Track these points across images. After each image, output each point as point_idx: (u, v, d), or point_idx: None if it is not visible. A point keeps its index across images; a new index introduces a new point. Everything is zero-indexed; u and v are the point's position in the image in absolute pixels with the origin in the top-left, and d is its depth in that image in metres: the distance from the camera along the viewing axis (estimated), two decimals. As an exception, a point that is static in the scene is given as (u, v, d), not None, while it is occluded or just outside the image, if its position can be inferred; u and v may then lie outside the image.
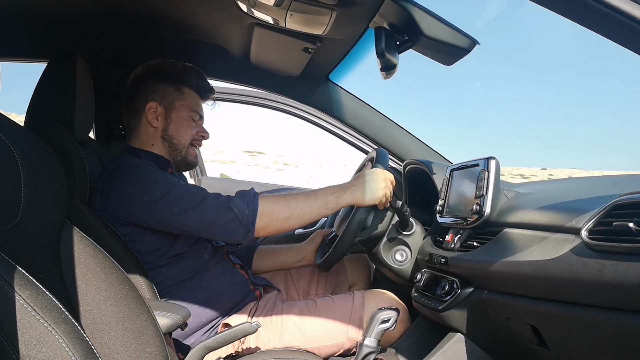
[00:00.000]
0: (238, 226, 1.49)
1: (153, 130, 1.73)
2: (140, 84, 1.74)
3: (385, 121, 2.26)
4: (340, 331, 1.63)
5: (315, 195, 1.58)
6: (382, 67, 1.55)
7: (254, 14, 1.58)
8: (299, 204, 1.55)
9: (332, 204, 1.58)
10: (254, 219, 1.50)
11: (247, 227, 1.49)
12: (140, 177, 1.54)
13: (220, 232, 1.51)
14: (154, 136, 1.73)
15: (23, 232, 1.03)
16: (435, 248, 1.61)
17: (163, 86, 1.73)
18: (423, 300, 1.59)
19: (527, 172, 47.12)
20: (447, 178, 1.67)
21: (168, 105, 1.73)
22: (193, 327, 1.60)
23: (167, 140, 1.73)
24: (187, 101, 1.75)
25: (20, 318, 0.75)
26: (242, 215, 1.49)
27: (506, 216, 1.35)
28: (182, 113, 1.74)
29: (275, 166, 37.72)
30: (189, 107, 1.75)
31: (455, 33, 1.44)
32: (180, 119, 1.74)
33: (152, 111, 1.71)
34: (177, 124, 1.73)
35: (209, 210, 1.49)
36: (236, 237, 1.50)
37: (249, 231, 1.49)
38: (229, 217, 1.49)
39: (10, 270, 0.78)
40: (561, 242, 1.06)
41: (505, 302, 1.24)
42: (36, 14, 1.67)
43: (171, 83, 1.74)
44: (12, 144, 1.03)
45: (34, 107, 1.61)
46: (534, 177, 46.45)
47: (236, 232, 1.50)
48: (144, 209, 1.50)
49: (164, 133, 1.73)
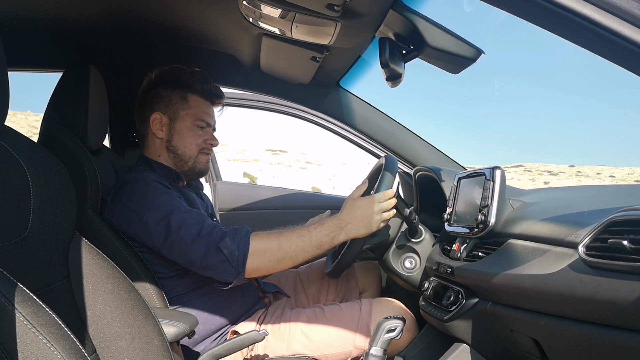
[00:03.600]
0: (227, 267, 1.48)
1: (159, 142, 1.72)
2: (148, 93, 1.74)
3: (396, 126, 2.26)
4: (348, 339, 1.64)
5: (309, 236, 1.55)
6: (387, 77, 1.55)
7: (261, 25, 1.60)
8: (292, 245, 1.53)
9: (326, 245, 1.56)
10: (244, 260, 1.48)
11: (237, 268, 1.48)
12: (143, 196, 1.55)
13: (210, 271, 1.51)
14: (160, 147, 1.72)
15: (32, 245, 1.06)
16: (442, 257, 1.61)
17: (168, 95, 1.71)
18: (430, 310, 1.59)
19: (554, 169, 46.42)
20: (455, 186, 1.67)
21: (172, 115, 1.71)
22: (203, 334, 1.62)
23: (172, 151, 1.72)
24: (191, 110, 1.71)
25: (20, 335, 0.78)
26: (232, 257, 1.48)
27: (511, 227, 1.34)
28: (186, 123, 1.71)
29: (297, 164, 37.82)
30: (193, 115, 1.72)
31: (460, 43, 1.43)
32: (184, 129, 1.71)
33: (156, 122, 1.70)
34: (181, 135, 1.71)
35: (202, 246, 1.48)
36: (226, 277, 1.50)
37: (239, 272, 1.48)
38: (218, 258, 1.48)
39: (10, 287, 0.80)
40: (561, 257, 1.05)
41: (509, 314, 1.24)
42: (51, 26, 1.72)
43: (176, 91, 1.71)
44: (22, 158, 1.07)
45: (49, 117, 1.65)
46: (562, 173, 45.76)
47: (225, 272, 1.49)
48: (144, 229, 1.52)
49: (169, 144, 1.71)
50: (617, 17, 0.79)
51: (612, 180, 45.88)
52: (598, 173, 49.42)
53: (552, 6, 0.80)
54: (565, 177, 45.08)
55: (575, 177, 46.05)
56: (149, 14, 1.70)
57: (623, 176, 51.75)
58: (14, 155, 1.06)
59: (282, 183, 12.70)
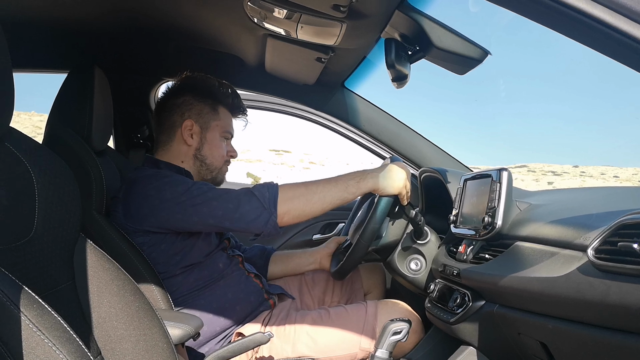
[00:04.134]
0: (260, 211, 1.50)
1: (186, 148, 1.73)
2: (177, 99, 1.74)
3: (401, 127, 2.25)
4: (353, 341, 1.64)
5: (335, 180, 1.58)
6: (393, 78, 1.55)
7: (266, 26, 1.59)
8: (319, 187, 1.56)
9: (353, 188, 1.58)
10: (276, 201, 1.51)
11: (270, 209, 1.50)
12: (160, 180, 1.56)
13: (243, 219, 1.51)
14: (187, 154, 1.74)
15: (37, 247, 1.05)
16: (448, 259, 1.60)
17: (200, 104, 1.73)
18: (436, 312, 1.58)
19: (558, 169, 46.32)
20: (461, 188, 1.66)
21: (204, 125, 1.74)
22: (207, 336, 1.62)
23: (200, 159, 1.75)
24: (221, 121, 1.76)
25: (25, 338, 0.77)
26: (264, 198, 1.51)
27: (518, 229, 1.33)
28: (216, 133, 1.75)
29: (301, 165, 37.81)
30: (222, 127, 1.77)
31: (467, 44, 1.42)
32: (214, 140, 1.75)
33: (187, 129, 1.72)
34: (210, 145, 1.75)
35: (231, 198, 1.51)
36: (258, 223, 1.51)
37: (271, 214, 1.50)
38: (251, 202, 1.50)
39: (16, 290, 0.80)
40: (569, 260, 1.04)
41: (516, 317, 1.23)
42: (56, 27, 1.72)
43: (208, 101, 1.74)
44: (27, 160, 1.07)
45: (53, 118, 1.65)
46: (566, 173, 45.68)
47: (259, 217, 1.50)
48: (167, 207, 1.52)
49: (197, 152, 1.74)
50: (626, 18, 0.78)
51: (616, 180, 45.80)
52: (602, 173, 49.33)
53: (562, 7, 0.79)
54: (569, 178, 45.01)
55: (580, 177, 45.99)
56: (154, 15, 1.70)
57: (627, 176, 51.64)
58: (19, 156, 1.06)
59: (286, 183, 12.44)
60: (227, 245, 1.81)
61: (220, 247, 1.73)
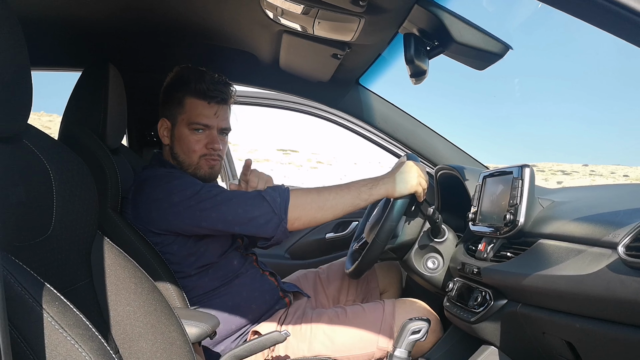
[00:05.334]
0: (271, 216, 1.48)
1: (167, 148, 1.70)
2: (160, 97, 1.72)
3: (417, 125, 2.23)
4: (371, 341, 1.62)
5: (347, 186, 1.57)
6: (411, 74, 1.52)
7: (282, 22, 1.58)
8: (332, 194, 1.54)
9: (365, 195, 1.56)
10: (287, 206, 1.49)
11: (280, 215, 1.48)
12: (169, 182, 1.54)
13: (253, 224, 1.49)
14: (168, 153, 1.70)
15: (55, 244, 1.04)
16: (467, 257, 1.58)
17: (170, 98, 1.67)
18: (455, 311, 1.55)
19: (568, 169, 46.10)
20: (480, 185, 1.63)
21: (173, 121, 1.66)
22: (223, 334, 1.60)
23: (174, 157, 1.67)
24: (186, 113, 1.63)
25: (48, 335, 0.76)
26: (275, 203, 1.48)
27: (541, 226, 1.31)
28: (183, 128, 1.64)
29: (308, 164, 37.83)
30: (188, 119, 1.63)
31: (487, 38, 1.40)
32: (182, 135, 1.64)
33: (163, 127, 1.68)
34: (180, 141, 1.65)
35: (240, 202, 1.49)
36: (268, 228, 1.48)
37: (282, 220, 1.48)
38: (262, 207, 1.48)
39: (38, 286, 0.79)
40: (598, 257, 1.02)
41: (540, 316, 1.20)
42: (71, 25, 1.71)
43: (176, 95, 1.65)
44: (44, 157, 1.06)
45: (68, 116, 1.64)
46: (576, 172, 45.48)
47: (269, 223, 1.48)
48: (176, 212, 1.50)
49: (172, 150, 1.68)
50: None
51: (626, 179, 45.43)
52: (612, 172, 49.01)
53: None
54: (578, 177, 44.73)
55: (589, 176, 45.69)
56: (168, 12, 1.68)
57: (637, 175, 51.27)
58: (37, 153, 1.05)
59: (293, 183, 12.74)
60: (241, 244, 1.79)
61: (234, 246, 1.71)
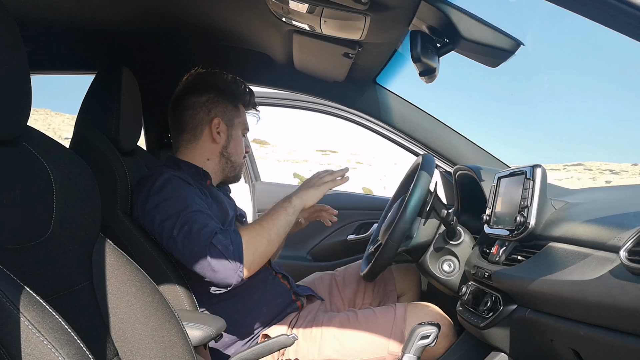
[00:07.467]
0: (225, 265, 1.44)
1: (213, 146, 1.73)
2: (200, 97, 1.72)
3: (436, 124, 2.18)
4: (381, 345, 1.59)
5: (276, 212, 1.57)
6: (421, 72, 1.49)
7: (290, 22, 1.57)
8: (270, 222, 1.54)
9: (290, 209, 1.57)
10: (241, 253, 1.46)
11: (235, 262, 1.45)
12: (159, 193, 1.52)
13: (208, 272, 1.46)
14: (213, 152, 1.73)
15: (53, 247, 1.05)
16: (481, 260, 1.53)
17: (224, 102, 1.73)
18: (467, 316, 1.51)
19: (616, 168, 44.63)
20: (494, 186, 1.58)
21: (229, 122, 1.74)
22: (233, 337, 1.60)
23: (226, 157, 1.75)
24: (241, 118, 1.78)
25: (24, 339, 0.76)
26: (228, 251, 1.44)
27: (552, 229, 1.26)
28: (238, 130, 1.77)
29: (348, 165, 37.75)
30: (243, 124, 1.79)
31: (497, 34, 1.35)
32: (237, 137, 1.77)
33: (215, 127, 1.71)
34: (235, 142, 1.76)
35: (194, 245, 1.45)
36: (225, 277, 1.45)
37: (238, 268, 1.45)
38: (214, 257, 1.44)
39: (16, 290, 0.79)
40: (602, 262, 0.97)
41: (548, 322, 1.15)
42: (84, 28, 1.74)
43: (230, 99, 1.75)
44: (45, 159, 1.07)
45: (82, 119, 1.67)
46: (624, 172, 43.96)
47: (225, 271, 1.44)
48: (157, 227, 1.51)
49: (224, 150, 1.74)
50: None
51: (677, 179, 43.58)
52: (663, 173, 47.15)
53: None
54: (627, 176, 43.24)
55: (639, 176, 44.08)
56: (180, 14, 1.70)
57: (692, 175, 49.17)
58: (37, 156, 1.06)
59: (333, 183, 12.56)
60: None
61: None
